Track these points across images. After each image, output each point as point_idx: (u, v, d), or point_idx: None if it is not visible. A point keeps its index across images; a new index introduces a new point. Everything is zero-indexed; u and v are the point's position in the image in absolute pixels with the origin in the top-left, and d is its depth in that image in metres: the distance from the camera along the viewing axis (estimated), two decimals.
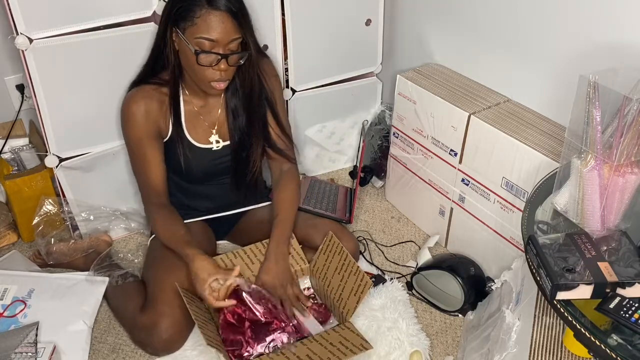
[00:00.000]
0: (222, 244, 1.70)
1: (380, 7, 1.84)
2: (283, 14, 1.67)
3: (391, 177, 1.89)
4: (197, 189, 1.53)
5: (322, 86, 1.88)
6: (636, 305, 0.87)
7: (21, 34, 1.35)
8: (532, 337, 1.09)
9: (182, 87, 1.41)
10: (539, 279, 0.95)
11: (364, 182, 2.00)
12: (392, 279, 1.54)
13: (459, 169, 1.57)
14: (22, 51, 1.37)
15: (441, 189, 1.67)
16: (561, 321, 1.05)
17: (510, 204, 1.44)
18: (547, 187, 1.16)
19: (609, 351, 0.83)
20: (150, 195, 1.43)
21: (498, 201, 1.47)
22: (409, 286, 1.59)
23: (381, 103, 2.05)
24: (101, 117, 1.56)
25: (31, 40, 1.37)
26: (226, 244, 1.70)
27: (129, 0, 1.45)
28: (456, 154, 1.56)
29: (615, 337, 0.85)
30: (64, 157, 1.56)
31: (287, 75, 1.78)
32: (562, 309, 0.91)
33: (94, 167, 1.63)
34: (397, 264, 1.70)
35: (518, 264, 1.32)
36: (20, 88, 1.83)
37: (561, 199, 1.07)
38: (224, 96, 1.45)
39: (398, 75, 1.68)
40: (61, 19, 1.39)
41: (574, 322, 0.88)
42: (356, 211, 1.88)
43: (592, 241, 0.99)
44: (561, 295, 0.91)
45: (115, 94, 1.50)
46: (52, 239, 1.62)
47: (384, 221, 1.87)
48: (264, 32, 1.62)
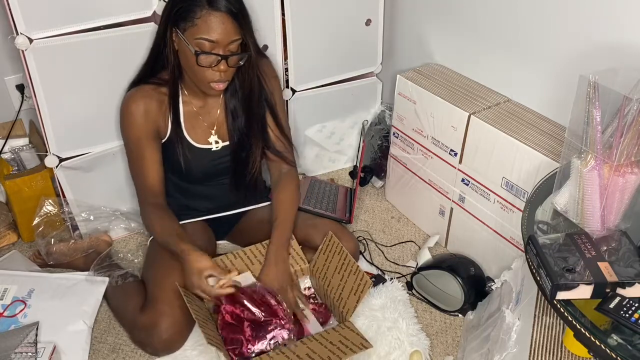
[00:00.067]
0: (222, 244, 1.70)
1: (380, 7, 1.84)
2: (283, 14, 1.67)
3: (391, 177, 1.89)
4: (197, 189, 1.53)
5: (322, 86, 1.88)
6: (636, 305, 0.87)
7: (21, 34, 1.35)
8: (532, 337, 1.09)
9: (181, 88, 1.41)
10: (539, 279, 0.95)
11: (364, 182, 2.00)
12: (392, 279, 1.54)
13: (459, 169, 1.57)
14: (22, 51, 1.37)
15: (441, 189, 1.67)
16: (561, 321, 1.05)
17: (510, 204, 1.44)
18: (547, 187, 1.16)
19: (609, 351, 0.83)
20: (147, 196, 1.42)
21: (498, 201, 1.47)
22: (409, 286, 1.59)
23: (381, 103, 2.05)
24: (101, 117, 1.56)
25: (31, 40, 1.37)
26: (226, 244, 1.70)
27: (129, 0, 1.45)
28: (456, 154, 1.56)
29: (615, 337, 0.85)
30: (64, 157, 1.56)
31: (287, 76, 1.78)
32: (562, 309, 0.91)
33: (94, 167, 1.63)
34: (397, 264, 1.70)
35: (518, 264, 1.32)
36: (20, 88, 1.83)
37: (561, 199, 1.07)
38: (223, 97, 1.45)
39: (398, 75, 1.68)
40: (61, 19, 1.39)
41: (574, 322, 0.88)
42: (356, 211, 1.88)
43: (592, 241, 0.99)
44: (561, 295, 0.91)
45: (115, 94, 1.50)
46: (52, 239, 1.62)
47: (384, 221, 1.87)
48: (264, 32, 1.62)
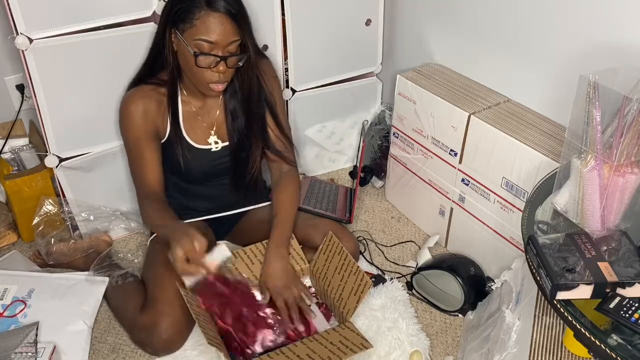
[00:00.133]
0: (222, 244, 1.69)
1: (380, 7, 1.84)
2: (283, 14, 1.67)
3: (391, 177, 1.89)
4: (197, 190, 1.53)
5: (322, 86, 1.88)
6: (636, 305, 0.87)
7: (21, 34, 1.35)
8: (532, 337, 1.09)
9: (180, 88, 1.41)
10: (539, 279, 0.95)
11: (364, 182, 2.00)
12: (392, 279, 1.54)
13: (459, 169, 1.57)
14: (22, 51, 1.37)
15: (441, 189, 1.67)
16: (561, 321, 1.05)
17: (510, 204, 1.44)
18: (547, 187, 1.16)
19: (609, 351, 0.83)
20: (147, 194, 1.42)
21: (498, 201, 1.47)
22: (409, 286, 1.59)
23: (381, 103, 2.05)
24: (101, 117, 1.56)
25: (31, 40, 1.37)
26: (226, 244, 1.69)
27: (129, 0, 1.45)
28: (456, 154, 1.56)
29: (615, 337, 0.85)
30: (64, 157, 1.56)
31: (287, 75, 1.78)
32: (562, 309, 0.91)
33: (94, 167, 1.63)
34: (397, 264, 1.70)
35: (518, 264, 1.32)
36: (20, 88, 1.83)
37: (561, 199, 1.07)
38: (222, 97, 1.45)
39: (398, 75, 1.68)
40: (61, 19, 1.39)
41: (574, 322, 0.88)
42: (356, 211, 1.88)
43: (592, 241, 0.99)
44: (561, 295, 0.91)
45: (115, 94, 1.49)
46: (52, 239, 1.62)
47: (384, 221, 1.87)
48: (264, 33, 1.62)
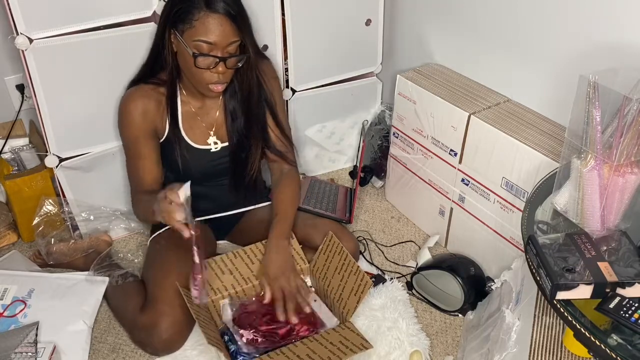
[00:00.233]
0: (222, 244, 1.70)
1: (380, 7, 1.84)
2: (283, 14, 1.67)
3: (391, 177, 1.89)
4: (196, 190, 1.51)
5: (322, 86, 1.88)
6: (636, 305, 0.87)
7: (21, 34, 1.35)
8: (532, 337, 1.09)
9: (179, 88, 1.41)
10: (538, 279, 0.95)
11: (364, 182, 2.00)
12: (392, 278, 1.54)
13: (459, 169, 1.57)
14: (22, 51, 1.37)
15: (441, 189, 1.67)
16: (561, 321, 1.05)
17: (510, 204, 1.44)
18: (547, 187, 1.16)
19: (609, 351, 0.83)
20: (141, 192, 1.42)
21: (498, 201, 1.47)
22: (409, 286, 1.59)
23: (381, 103, 2.05)
24: (101, 117, 1.56)
25: (31, 40, 1.37)
26: (226, 244, 1.70)
27: (129, 0, 1.45)
28: (456, 154, 1.56)
29: (615, 337, 0.85)
30: (64, 157, 1.56)
31: (287, 76, 1.78)
32: (562, 309, 0.91)
33: (94, 167, 1.63)
34: (397, 264, 1.70)
35: (518, 264, 1.32)
36: (20, 88, 1.83)
37: (561, 199, 1.07)
38: (222, 98, 1.44)
39: (398, 75, 1.68)
40: (61, 19, 1.39)
41: (574, 322, 0.88)
42: (356, 211, 1.88)
43: (592, 241, 0.99)
44: (561, 295, 0.91)
45: (115, 94, 1.49)
46: (52, 239, 1.62)
47: (384, 221, 1.87)
48: (264, 33, 1.62)
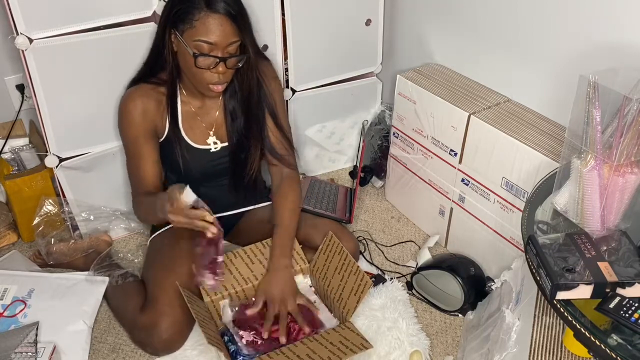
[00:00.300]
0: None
1: (380, 7, 1.84)
2: (283, 14, 1.67)
3: (391, 177, 1.89)
4: (196, 190, 1.52)
5: (322, 86, 1.88)
6: (636, 305, 0.87)
7: (21, 34, 1.35)
8: (532, 337, 1.09)
9: (179, 88, 1.41)
10: (538, 278, 0.95)
11: (364, 182, 2.00)
12: (392, 278, 1.54)
13: (459, 169, 1.57)
14: (22, 51, 1.37)
15: (441, 189, 1.67)
16: (561, 321, 1.05)
17: (510, 204, 1.44)
18: (547, 187, 1.16)
19: (609, 351, 0.83)
20: (142, 193, 1.42)
21: (498, 201, 1.47)
22: (409, 286, 1.59)
23: (381, 103, 2.05)
24: (101, 117, 1.56)
25: (31, 40, 1.37)
26: (226, 244, 1.70)
27: (129, 0, 1.45)
28: (456, 154, 1.56)
29: (615, 337, 0.85)
30: (64, 157, 1.56)
31: (287, 75, 1.78)
32: (562, 309, 0.91)
33: (94, 167, 1.63)
34: (397, 264, 1.70)
35: (518, 264, 1.32)
36: (20, 88, 1.83)
37: (561, 199, 1.07)
38: (222, 98, 1.44)
39: (398, 75, 1.68)
40: (61, 19, 1.39)
41: (574, 322, 0.88)
42: (356, 211, 1.88)
43: (592, 241, 0.99)
44: (561, 295, 0.91)
45: (115, 94, 1.49)
46: (52, 239, 1.62)
47: (384, 221, 1.87)
48: (264, 32, 1.62)
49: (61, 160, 1.56)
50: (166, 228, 1.49)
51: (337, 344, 1.27)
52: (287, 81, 1.79)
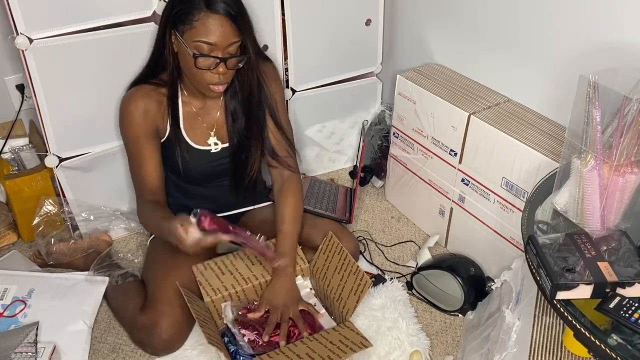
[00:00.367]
0: None
1: (380, 7, 1.84)
2: (283, 14, 1.67)
3: (391, 177, 1.89)
4: (196, 190, 1.53)
5: (322, 86, 1.88)
6: (636, 305, 0.87)
7: (21, 34, 1.35)
8: (532, 337, 1.09)
9: (180, 89, 1.41)
10: (538, 278, 0.95)
11: (364, 182, 2.00)
12: (392, 278, 1.54)
13: (459, 169, 1.57)
14: (22, 51, 1.37)
15: (441, 189, 1.67)
16: (561, 321, 1.05)
17: (510, 204, 1.44)
18: (547, 187, 1.16)
19: (609, 351, 0.83)
20: (145, 194, 1.42)
21: (498, 201, 1.47)
22: (409, 286, 1.59)
23: (381, 103, 2.05)
24: (101, 117, 1.56)
25: (31, 40, 1.37)
26: (226, 245, 1.69)
27: (129, 0, 1.45)
28: (456, 154, 1.56)
29: (615, 337, 0.85)
30: (64, 157, 1.56)
31: (287, 75, 1.78)
32: (562, 309, 0.91)
33: (94, 167, 1.63)
34: (397, 263, 1.70)
35: (518, 263, 1.32)
36: (20, 88, 1.83)
37: (561, 199, 1.07)
38: (223, 98, 1.44)
39: (398, 75, 1.68)
40: (61, 19, 1.39)
41: (574, 322, 0.88)
42: (356, 211, 1.88)
43: (592, 241, 0.99)
44: (561, 295, 0.91)
45: (115, 94, 1.49)
46: (52, 239, 1.62)
47: (384, 221, 1.87)
48: (264, 32, 1.62)
49: (61, 160, 1.56)
50: None
51: (337, 343, 1.27)
52: (287, 81, 1.79)
